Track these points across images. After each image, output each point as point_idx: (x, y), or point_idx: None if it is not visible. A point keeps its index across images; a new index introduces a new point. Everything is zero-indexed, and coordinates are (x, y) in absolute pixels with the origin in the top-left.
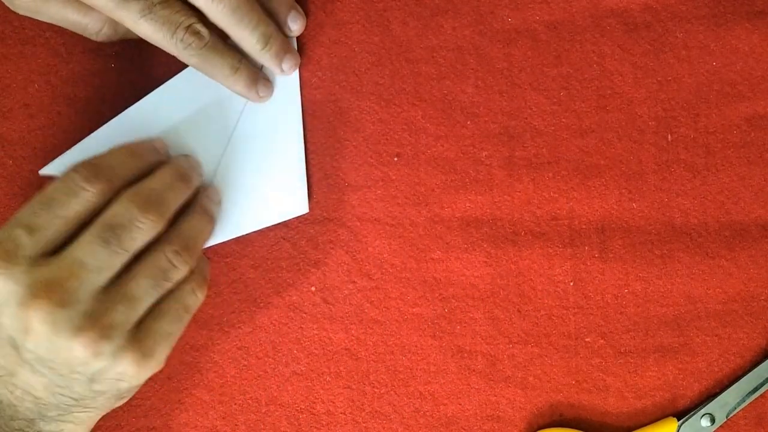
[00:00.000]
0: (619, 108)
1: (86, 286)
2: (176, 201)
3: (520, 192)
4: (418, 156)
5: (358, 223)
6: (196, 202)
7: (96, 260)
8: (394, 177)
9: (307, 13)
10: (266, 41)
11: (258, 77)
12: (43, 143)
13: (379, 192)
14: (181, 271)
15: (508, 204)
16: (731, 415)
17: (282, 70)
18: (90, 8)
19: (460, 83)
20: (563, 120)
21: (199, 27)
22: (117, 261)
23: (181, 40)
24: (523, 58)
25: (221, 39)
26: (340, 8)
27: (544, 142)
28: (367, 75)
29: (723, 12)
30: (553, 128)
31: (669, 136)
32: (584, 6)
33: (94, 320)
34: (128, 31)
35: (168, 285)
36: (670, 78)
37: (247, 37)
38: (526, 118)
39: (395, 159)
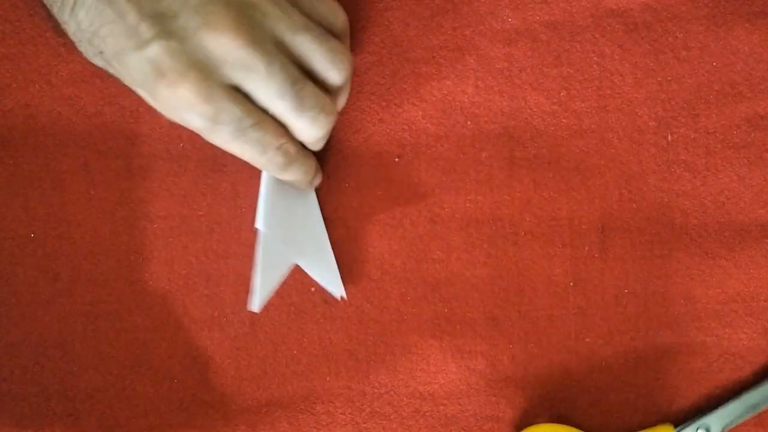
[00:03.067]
0: (619, 108)
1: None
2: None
3: (520, 192)
4: (418, 156)
5: (358, 223)
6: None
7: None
8: (394, 177)
9: None
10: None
11: (317, 170)
12: (43, 143)
13: (379, 192)
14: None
15: (508, 204)
16: (727, 430)
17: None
18: None
19: (460, 83)
20: (563, 120)
21: (289, 146)
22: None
23: (270, 160)
24: (523, 58)
25: (303, 147)
26: None
27: (544, 142)
28: (367, 75)
29: (723, 12)
30: (553, 128)
31: (669, 136)
32: (584, 6)
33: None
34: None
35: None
36: (670, 78)
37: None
38: (526, 118)
39: (396, 159)
